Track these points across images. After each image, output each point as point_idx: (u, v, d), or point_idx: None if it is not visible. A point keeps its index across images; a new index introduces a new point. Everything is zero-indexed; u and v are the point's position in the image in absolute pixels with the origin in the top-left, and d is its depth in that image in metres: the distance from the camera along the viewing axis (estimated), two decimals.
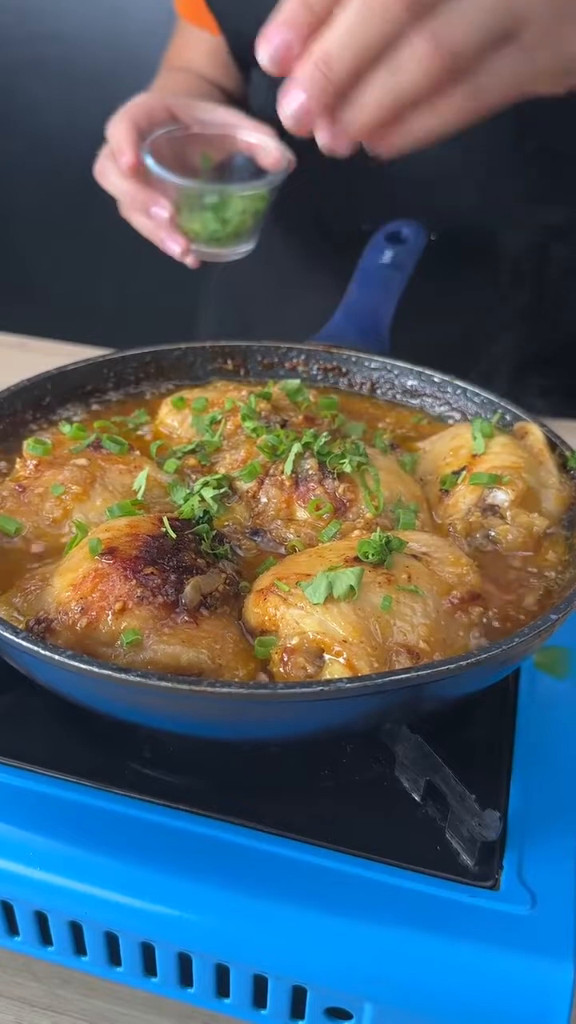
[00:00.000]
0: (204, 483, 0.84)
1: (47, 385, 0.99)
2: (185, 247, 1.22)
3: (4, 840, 0.70)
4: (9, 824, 0.71)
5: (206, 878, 0.67)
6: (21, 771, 0.74)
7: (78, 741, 0.78)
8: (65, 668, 0.60)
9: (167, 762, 0.76)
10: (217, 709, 0.60)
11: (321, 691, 0.59)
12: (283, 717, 0.62)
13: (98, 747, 0.77)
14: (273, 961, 0.66)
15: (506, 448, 0.87)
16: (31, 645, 0.61)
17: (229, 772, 0.75)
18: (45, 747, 0.76)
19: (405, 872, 0.68)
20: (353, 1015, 0.67)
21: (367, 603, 0.68)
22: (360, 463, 0.83)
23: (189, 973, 0.70)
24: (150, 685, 0.58)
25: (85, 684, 0.61)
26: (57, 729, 0.79)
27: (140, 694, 0.60)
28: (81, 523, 0.78)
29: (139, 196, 1.21)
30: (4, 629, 0.62)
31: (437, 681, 0.61)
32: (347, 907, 0.66)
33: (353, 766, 0.77)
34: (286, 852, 0.69)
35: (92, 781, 0.73)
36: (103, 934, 0.70)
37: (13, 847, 0.70)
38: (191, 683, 0.59)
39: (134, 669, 0.60)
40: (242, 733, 0.67)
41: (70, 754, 0.76)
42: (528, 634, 0.65)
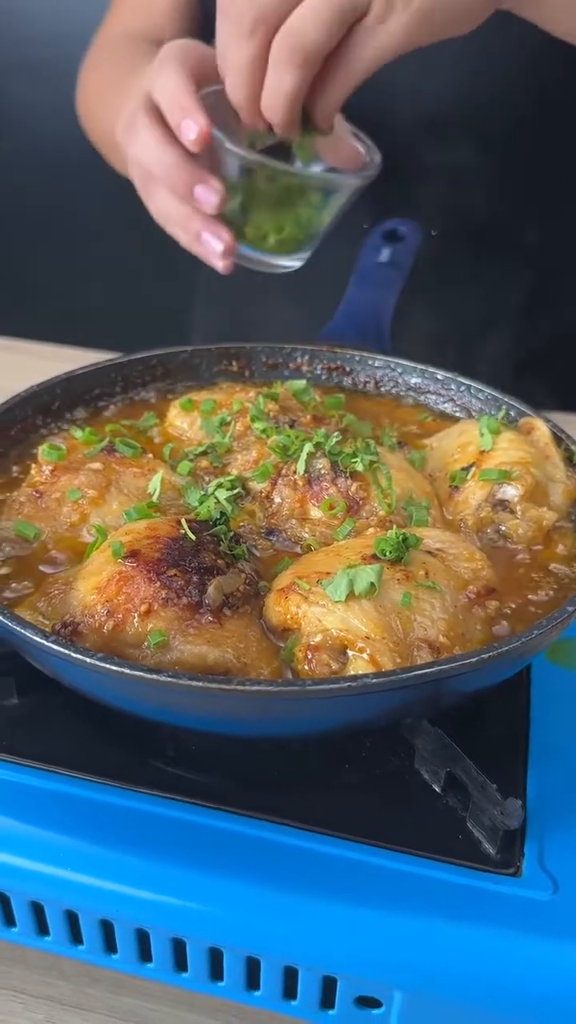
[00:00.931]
0: (218, 484, 0.85)
1: (56, 390, 1.00)
2: (230, 244, 0.98)
3: (34, 842, 0.71)
4: (38, 826, 0.72)
5: (236, 873, 0.69)
6: (47, 773, 0.75)
7: (101, 741, 0.79)
8: (97, 670, 0.61)
9: (190, 760, 0.77)
10: (248, 707, 0.61)
11: (349, 687, 0.60)
12: (312, 713, 0.63)
13: (121, 747, 0.78)
14: (304, 953, 0.67)
15: (513, 444, 0.88)
16: (62, 649, 0.62)
17: (252, 768, 0.76)
18: (69, 748, 0.77)
19: (429, 862, 0.70)
20: (383, 1003, 0.68)
21: (387, 599, 0.69)
22: (372, 461, 0.84)
23: (220, 967, 0.71)
24: (182, 685, 0.59)
25: (116, 685, 0.63)
26: (80, 730, 0.79)
27: (172, 694, 0.61)
28: (101, 527, 0.79)
29: (183, 170, 0.95)
30: (34, 633, 0.63)
31: (460, 674, 0.62)
32: (375, 897, 0.67)
33: (373, 760, 0.78)
34: (313, 846, 0.70)
35: (118, 781, 0.74)
36: (134, 931, 0.71)
37: (43, 848, 0.71)
38: (222, 682, 0.60)
39: (165, 670, 0.61)
40: (268, 730, 0.68)
41: (94, 754, 0.77)
42: (546, 626, 0.67)
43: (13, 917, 0.74)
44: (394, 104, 1.36)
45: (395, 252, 1.34)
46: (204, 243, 0.99)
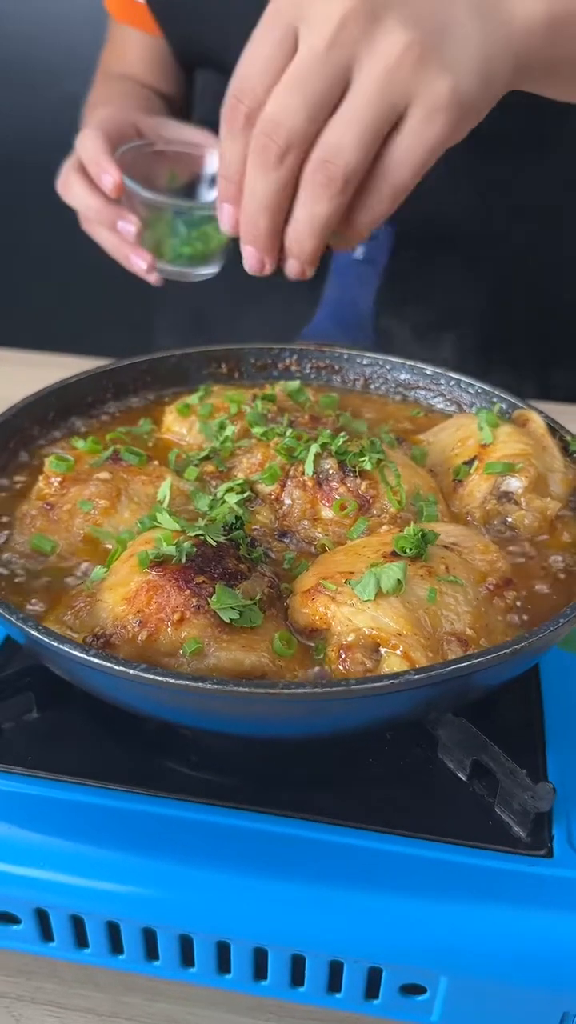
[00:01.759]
0: (228, 489, 0.85)
1: (51, 399, 0.99)
2: (151, 264, 1.21)
3: (69, 856, 0.71)
4: (72, 840, 0.71)
5: (278, 874, 0.69)
6: (78, 786, 0.75)
7: (124, 750, 0.78)
8: (142, 681, 0.61)
9: (216, 764, 0.78)
10: (292, 710, 0.62)
11: (392, 684, 0.61)
12: (356, 711, 0.64)
13: (145, 754, 0.78)
14: (350, 946, 0.69)
15: (512, 436, 0.91)
16: (104, 662, 0.62)
17: (278, 768, 0.77)
18: (94, 759, 0.77)
19: (463, 848, 0.71)
20: (427, 989, 0.70)
21: (413, 596, 0.71)
22: (379, 459, 0.85)
23: (264, 967, 0.72)
24: (229, 691, 0.60)
25: (160, 695, 0.63)
26: (103, 740, 0.79)
27: (216, 701, 0.61)
28: (121, 537, 0.79)
29: (105, 211, 1.20)
30: (72, 648, 0.63)
31: (499, 664, 0.64)
32: (415, 887, 0.69)
33: (395, 753, 0.79)
34: (349, 841, 0.71)
35: (146, 788, 0.75)
36: (177, 937, 0.72)
37: (84, 862, 0.71)
38: (268, 687, 0.60)
39: (210, 677, 0.61)
40: (306, 729, 0.69)
41: (121, 764, 0.77)
42: (570, 614, 0.69)
43: (51, 932, 0.74)
44: None
45: (369, 249, 1.36)
46: (132, 263, 1.23)
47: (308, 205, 0.79)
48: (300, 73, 0.74)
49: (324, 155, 0.76)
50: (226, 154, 0.82)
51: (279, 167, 0.77)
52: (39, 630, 0.65)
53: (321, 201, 0.78)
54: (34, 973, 0.80)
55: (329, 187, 0.77)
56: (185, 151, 1.29)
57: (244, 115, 0.78)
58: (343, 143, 0.75)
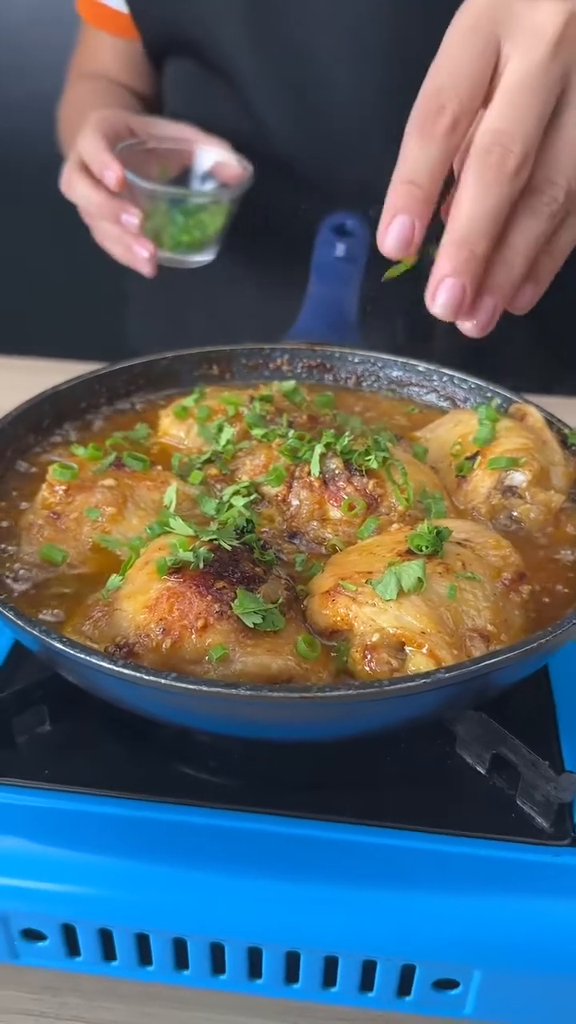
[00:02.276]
0: (234, 492, 0.85)
1: (45, 406, 0.97)
2: (153, 252, 1.27)
3: (103, 869, 0.70)
4: (103, 853, 0.71)
5: (308, 877, 0.69)
6: (101, 798, 0.74)
7: (143, 759, 0.78)
8: (174, 691, 0.60)
9: (235, 769, 0.77)
10: (328, 713, 0.62)
11: (424, 683, 0.61)
12: (386, 711, 0.64)
13: (164, 763, 0.78)
14: (384, 945, 0.69)
15: (513, 431, 0.91)
16: (135, 673, 0.61)
17: (298, 771, 0.77)
18: (114, 770, 0.76)
19: (489, 842, 0.72)
20: (460, 983, 0.70)
21: (433, 594, 0.71)
22: (385, 458, 0.85)
23: (296, 970, 0.72)
24: (264, 697, 0.60)
25: (193, 704, 0.62)
26: (116, 750, 0.79)
27: (251, 707, 0.61)
28: (134, 543, 0.78)
29: (108, 205, 1.26)
30: (100, 659, 0.62)
31: (527, 657, 0.65)
32: (445, 883, 0.69)
33: (411, 750, 0.80)
34: (378, 840, 0.71)
35: (170, 797, 0.74)
36: (208, 946, 0.71)
37: (111, 875, 0.70)
38: (302, 691, 0.60)
39: (244, 684, 0.61)
40: (337, 731, 0.69)
41: (140, 773, 0.76)
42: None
43: (78, 947, 0.73)
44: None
45: (349, 246, 1.35)
46: (134, 253, 1.28)
47: (528, 228, 0.71)
48: (526, 84, 0.68)
49: (548, 174, 0.70)
50: (414, 159, 0.71)
51: (514, 180, 0.69)
52: (64, 643, 0.64)
53: (542, 222, 0.71)
54: (58, 989, 0.79)
55: (551, 206, 0.71)
56: (174, 147, 1.35)
57: (451, 120, 0.69)
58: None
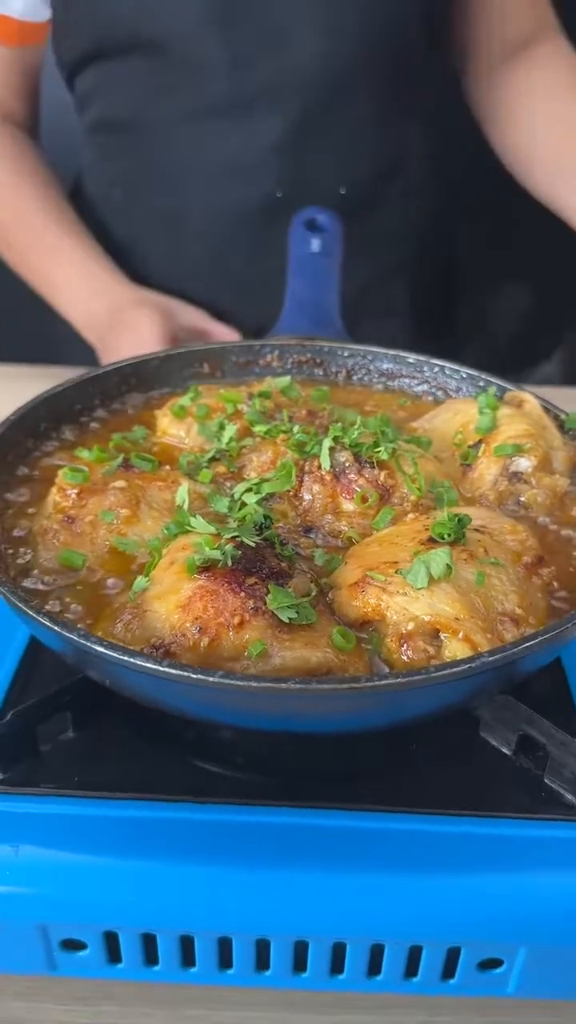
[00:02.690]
0: (246, 489, 0.84)
1: (41, 410, 0.96)
2: None
3: (145, 873, 0.69)
4: (143, 858, 0.70)
5: (353, 868, 0.70)
6: (133, 801, 0.73)
7: (170, 760, 0.77)
8: (222, 688, 0.60)
9: (267, 765, 0.78)
10: (375, 702, 0.63)
11: (470, 667, 0.62)
12: (429, 698, 0.65)
13: (192, 763, 0.77)
14: (431, 930, 0.69)
15: (513, 418, 0.93)
16: (181, 672, 0.61)
17: (332, 763, 0.78)
18: (143, 773, 0.76)
19: (523, 822, 0.73)
20: (504, 961, 0.72)
21: (462, 580, 0.72)
22: (394, 449, 0.86)
23: (341, 962, 0.72)
24: (313, 690, 0.60)
25: (238, 700, 0.62)
26: (146, 752, 0.78)
27: (299, 700, 0.61)
28: (154, 544, 0.77)
29: None
30: (145, 661, 0.62)
31: (560, 640, 0.66)
32: (487, 865, 0.70)
33: (435, 736, 0.80)
34: (417, 827, 0.72)
35: (202, 797, 0.74)
36: (254, 943, 0.71)
37: (154, 878, 0.69)
38: (352, 681, 0.61)
39: (292, 678, 0.61)
40: (376, 721, 0.69)
41: (168, 774, 0.75)
42: None
43: (120, 953, 0.72)
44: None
45: (323, 241, 1.36)
46: None
47: None
48: None
49: None
50: None
51: None
52: (105, 646, 0.63)
53: None
54: (89, 998, 0.77)
55: None
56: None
57: None
58: None
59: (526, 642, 0.64)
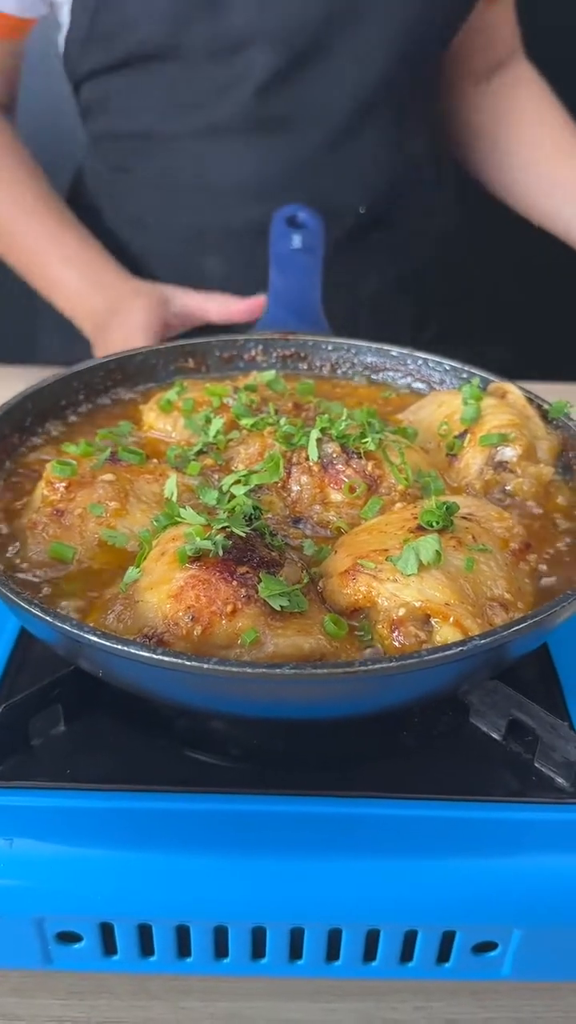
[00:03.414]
0: (235, 481, 0.85)
1: (27, 405, 0.96)
2: None
3: (141, 863, 0.69)
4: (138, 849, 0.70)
5: (346, 854, 0.70)
6: (128, 793, 0.73)
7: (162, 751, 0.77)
8: (218, 675, 0.60)
9: (258, 754, 0.78)
10: (369, 687, 0.63)
11: (461, 650, 0.63)
12: (422, 681, 0.65)
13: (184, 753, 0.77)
14: (427, 914, 0.70)
15: (497, 408, 0.94)
16: (176, 659, 0.61)
17: (324, 750, 0.78)
18: (136, 764, 0.76)
19: (515, 805, 0.74)
20: (499, 944, 0.72)
21: (451, 566, 0.72)
22: (381, 439, 0.86)
23: (337, 948, 0.72)
24: (308, 675, 0.60)
25: (233, 688, 0.62)
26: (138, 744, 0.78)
27: (295, 686, 0.61)
28: (145, 535, 0.77)
29: None
30: (140, 649, 0.62)
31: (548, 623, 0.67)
32: (480, 849, 0.71)
33: (426, 723, 0.81)
34: (410, 812, 0.72)
35: (195, 787, 0.74)
36: (250, 931, 0.71)
37: (150, 868, 0.69)
38: (346, 666, 0.61)
39: (286, 664, 0.61)
40: (369, 706, 0.70)
41: (161, 765, 0.76)
42: None
43: (115, 945, 0.72)
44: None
45: (305, 238, 1.36)
46: None
47: None
48: None
49: None
50: None
51: None
52: (99, 635, 0.63)
53: None
54: (85, 992, 0.77)
55: None
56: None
57: None
58: None
59: (516, 626, 0.65)
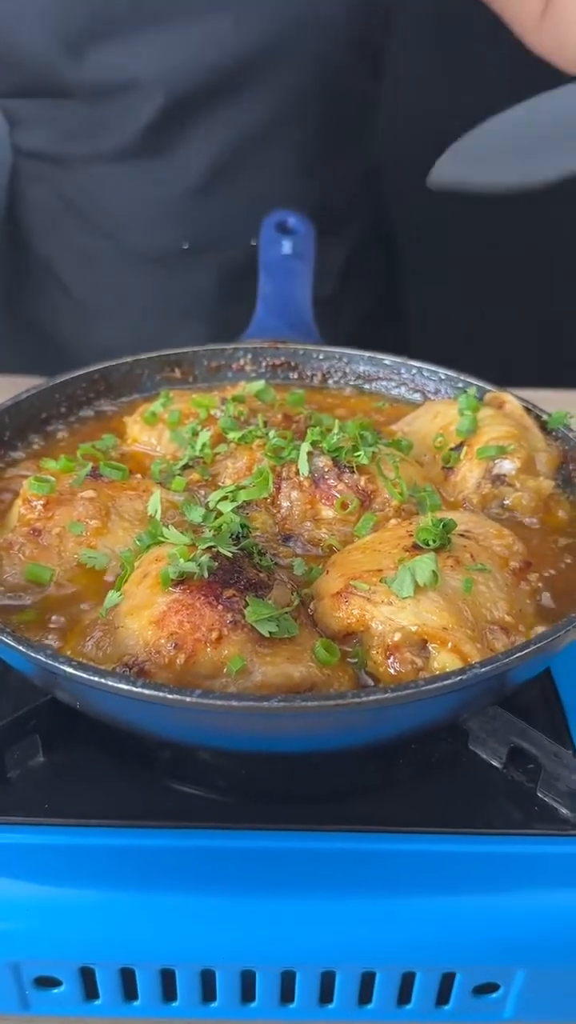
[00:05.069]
0: (222, 497, 0.81)
1: (5, 419, 0.92)
2: None
3: (123, 905, 0.66)
4: (120, 889, 0.66)
5: (340, 892, 0.66)
6: (109, 829, 0.69)
7: (146, 784, 0.73)
8: (201, 708, 0.57)
9: (246, 786, 0.74)
10: (362, 719, 0.59)
11: (460, 680, 0.59)
12: (419, 712, 0.62)
13: (170, 787, 0.73)
14: (425, 954, 0.66)
15: (495, 419, 0.90)
16: (169, 695, 0.57)
17: (316, 783, 0.74)
18: (117, 798, 0.72)
19: (517, 838, 0.70)
20: (500, 985, 0.68)
21: (449, 588, 0.69)
22: (374, 452, 0.83)
23: (331, 991, 0.68)
24: (298, 708, 0.57)
25: (219, 721, 0.59)
26: (121, 777, 0.74)
27: (283, 719, 0.58)
28: (126, 556, 0.73)
29: None
30: (118, 681, 0.58)
31: (552, 648, 0.63)
32: (481, 885, 0.67)
33: (423, 751, 0.77)
34: (407, 847, 0.69)
35: (181, 822, 0.70)
36: (239, 974, 0.67)
37: (133, 910, 0.66)
38: (337, 698, 0.58)
39: (274, 695, 0.58)
40: (362, 738, 0.66)
41: (145, 799, 0.72)
42: None
43: (97, 990, 0.68)
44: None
45: (295, 243, 1.33)
46: None
47: None
48: None
49: None
50: None
51: None
52: (75, 666, 0.59)
53: None
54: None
55: None
56: None
57: None
58: None
59: (518, 652, 0.61)
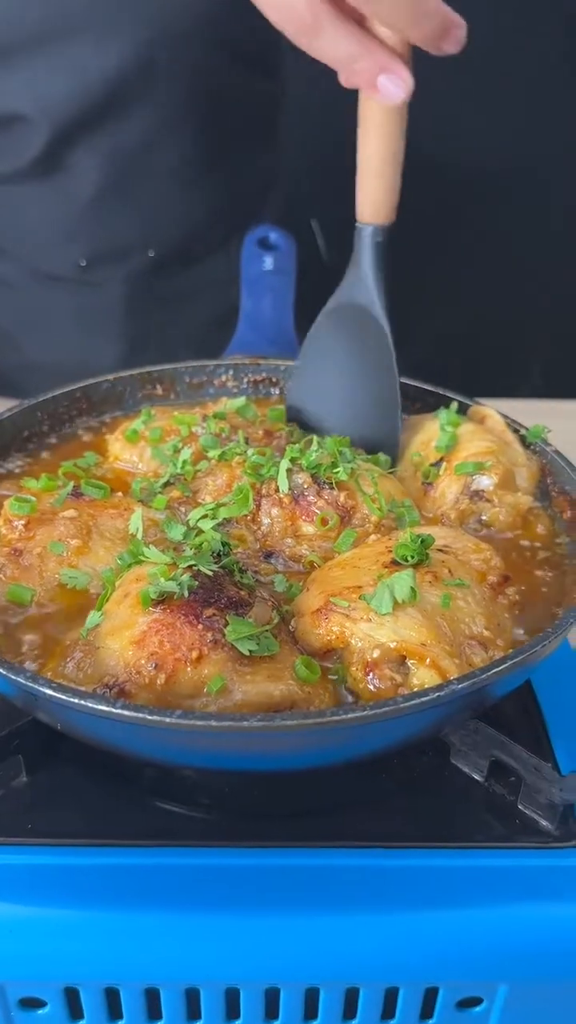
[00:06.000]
0: (202, 515, 0.82)
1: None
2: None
3: (107, 924, 0.66)
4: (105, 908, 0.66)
5: (323, 908, 0.67)
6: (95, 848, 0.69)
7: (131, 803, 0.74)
8: (181, 729, 0.57)
9: (230, 804, 0.74)
10: (342, 737, 0.60)
11: (438, 696, 0.60)
12: (398, 728, 0.62)
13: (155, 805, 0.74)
14: (407, 970, 0.67)
15: (475, 434, 0.91)
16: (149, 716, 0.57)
17: (298, 798, 0.75)
18: (103, 817, 0.72)
19: (498, 852, 0.71)
20: (484, 999, 0.69)
21: (427, 604, 0.70)
22: (353, 469, 0.84)
23: (315, 1007, 0.69)
24: (277, 727, 0.57)
25: (199, 741, 0.59)
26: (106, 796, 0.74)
27: (263, 739, 0.58)
28: (109, 575, 0.74)
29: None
30: (97, 702, 0.58)
31: (531, 662, 0.64)
32: (462, 899, 0.68)
33: (405, 765, 0.78)
34: (389, 862, 0.69)
35: (167, 840, 0.70)
36: (223, 992, 0.68)
37: (118, 929, 0.66)
38: (317, 716, 0.58)
39: (253, 715, 0.58)
40: (344, 755, 0.67)
41: (131, 818, 0.72)
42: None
43: (81, 1010, 0.68)
44: None
45: (276, 259, 1.34)
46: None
47: None
48: None
49: None
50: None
51: None
52: (55, 688, 0.60)
53: None
54: None
55: None
56: None
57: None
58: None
59: (496, 666, 0.62)
